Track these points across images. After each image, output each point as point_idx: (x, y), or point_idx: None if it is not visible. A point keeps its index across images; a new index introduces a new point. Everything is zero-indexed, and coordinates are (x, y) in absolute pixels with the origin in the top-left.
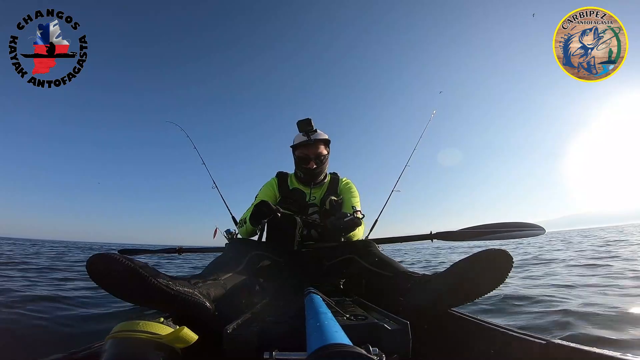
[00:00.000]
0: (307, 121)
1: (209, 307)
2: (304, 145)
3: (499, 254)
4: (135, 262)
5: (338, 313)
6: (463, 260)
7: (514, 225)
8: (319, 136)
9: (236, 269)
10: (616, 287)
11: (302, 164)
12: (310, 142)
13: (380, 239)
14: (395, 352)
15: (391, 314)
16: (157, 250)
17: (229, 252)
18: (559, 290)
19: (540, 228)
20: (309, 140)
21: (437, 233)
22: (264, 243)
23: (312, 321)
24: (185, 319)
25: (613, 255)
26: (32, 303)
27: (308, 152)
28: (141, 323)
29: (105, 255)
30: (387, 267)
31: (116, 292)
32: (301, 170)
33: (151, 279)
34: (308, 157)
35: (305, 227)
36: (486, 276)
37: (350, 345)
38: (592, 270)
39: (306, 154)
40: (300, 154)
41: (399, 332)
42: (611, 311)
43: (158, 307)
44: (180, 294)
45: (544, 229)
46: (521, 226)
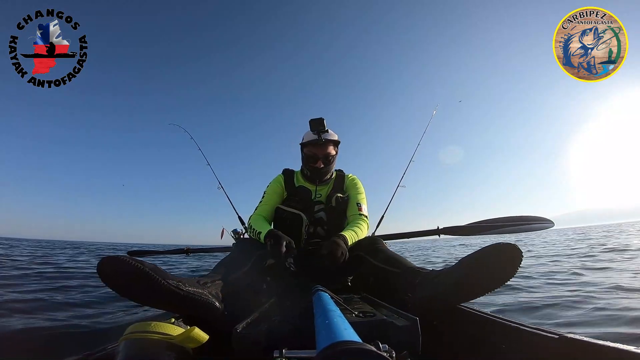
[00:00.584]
0: (320, 120)
1: (219, 307)
2: (314, 144)
3: (508, 248)
4: (144, 263)
5: (346, 310)
6: (471, 255)
7: (522, 219)
8: (329, 136)
9: (243, 269)
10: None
11: (309, 162)
12: (321, 141)
13: (386, 235)
14: (405, 348)
15: (400, 310)
16: (165, 251)
17: (236, 252)
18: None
19: (549, 221)
20: (319, 139)
21: (444, 228)
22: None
23: (321, 319)
24: (196, 319)
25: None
26: (46, 306)
27: (317, 151)
28: (153, 324)
29: (115, 257)
30: (395, 264)
31: (127, 293)
32: (308, 168)
33: (161, 280)
34: (316, 156)
35: (311, 224)
36: (495, 271)
37: (359, 342)
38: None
39: (315, 153)
40: (308, 152)
41: (408, 328)
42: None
43: (168, 308)
44: (190, 294)
45: (553, 222)
46: (529, 220)
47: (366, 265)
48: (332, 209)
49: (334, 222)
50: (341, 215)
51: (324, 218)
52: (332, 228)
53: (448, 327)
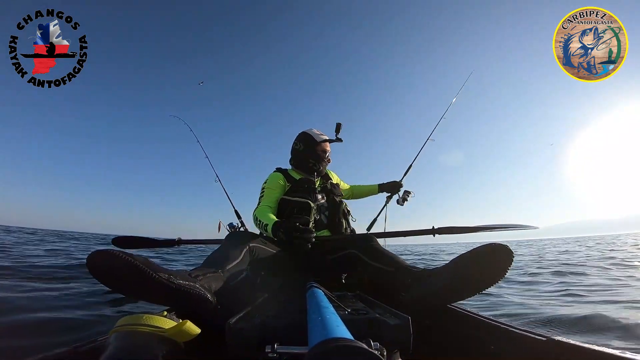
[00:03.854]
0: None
1: (211, 300)
2: (329, 142)
3: (500, 248)
4: (135, 257)
5: (340, 307)
6: (463, 254)
7: (512, 225)
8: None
9: (235, 261)
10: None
11: (320, 158)
12: (340, 140)
13: (381, 233)
14: (396, 346)
15: (393, 308)
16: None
17: (226, 244)
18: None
19: (534, 226)
20: (339, 139)
21: (439, 228)
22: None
23: (314, 315)
24: (188, 312)
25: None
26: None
27: (327, 148)
28: (145, 317)
29: (105, 251)
30: (389, 262)
31: (117, 287)
32: (317, 161)
33: (152, 274)
34: (326, 152)
35: (316, 211)
36: (486, 271)
37: (351, 340)
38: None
39: (326, 149)
40: (320, 149)
41: (400, 326)
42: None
43: (160, 301)
44: (182, 287)
45: (538, 226)
46: (517, 225)
47: (360, 263)
48: (329, 192)
49: (333, 208)
50: (335, 200)
51: (325, 205)
52: (332, 212)
53: (439, 327)
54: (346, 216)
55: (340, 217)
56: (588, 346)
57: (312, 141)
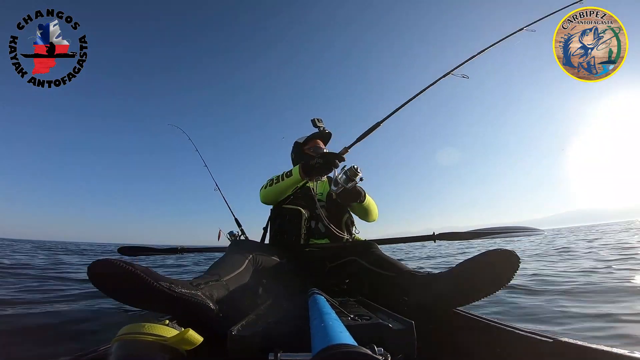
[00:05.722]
0: (319, 119)
1: (213, 308)
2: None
3: (506, 253)
4: (136, 266)
5: (342, 313)
6: (469, 259)
7: (515, 228)
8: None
9: (238, 270)
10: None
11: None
12: (324, 130)
13: (381, 240)
14: (400, 352)
15: (396, 314)
16: (158, 249)
17: (230, 252)
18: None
19: (540, 231)
20: (323, 131)
21: (440, 234)
22: (266, 244)
23: (317, 322)
24: (190, 320)
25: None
26: (38, 305)
27: (320, 145)
28: (147, 325)
29: (105, 260)
30: (390, 267)
31: (118, 296)
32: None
33: (153, 282)
34: (317, 149)
35: (312, 219)
36: (492, 276)
37: (355, 346)
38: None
39: (316, 146)
40: (307, 149)
41: (404, 332)
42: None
43: (161, 310)
44: (183, 295)
45: (544, 231)
46: (522, 229)
47: (361, 269)
48: (332, 202)
49: (335, 218)
50: (340, 210)
51: (323, 214)
52: (332, 224)
53: (444, 331)
54: (349, 227)
55: (342, 225)
56: (596, 347)
57: (299, 145)
